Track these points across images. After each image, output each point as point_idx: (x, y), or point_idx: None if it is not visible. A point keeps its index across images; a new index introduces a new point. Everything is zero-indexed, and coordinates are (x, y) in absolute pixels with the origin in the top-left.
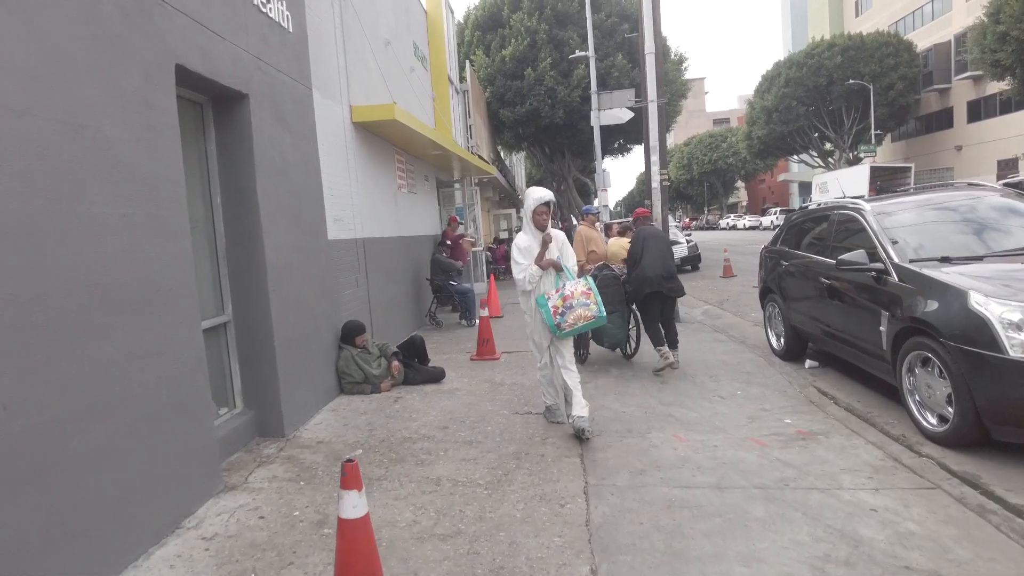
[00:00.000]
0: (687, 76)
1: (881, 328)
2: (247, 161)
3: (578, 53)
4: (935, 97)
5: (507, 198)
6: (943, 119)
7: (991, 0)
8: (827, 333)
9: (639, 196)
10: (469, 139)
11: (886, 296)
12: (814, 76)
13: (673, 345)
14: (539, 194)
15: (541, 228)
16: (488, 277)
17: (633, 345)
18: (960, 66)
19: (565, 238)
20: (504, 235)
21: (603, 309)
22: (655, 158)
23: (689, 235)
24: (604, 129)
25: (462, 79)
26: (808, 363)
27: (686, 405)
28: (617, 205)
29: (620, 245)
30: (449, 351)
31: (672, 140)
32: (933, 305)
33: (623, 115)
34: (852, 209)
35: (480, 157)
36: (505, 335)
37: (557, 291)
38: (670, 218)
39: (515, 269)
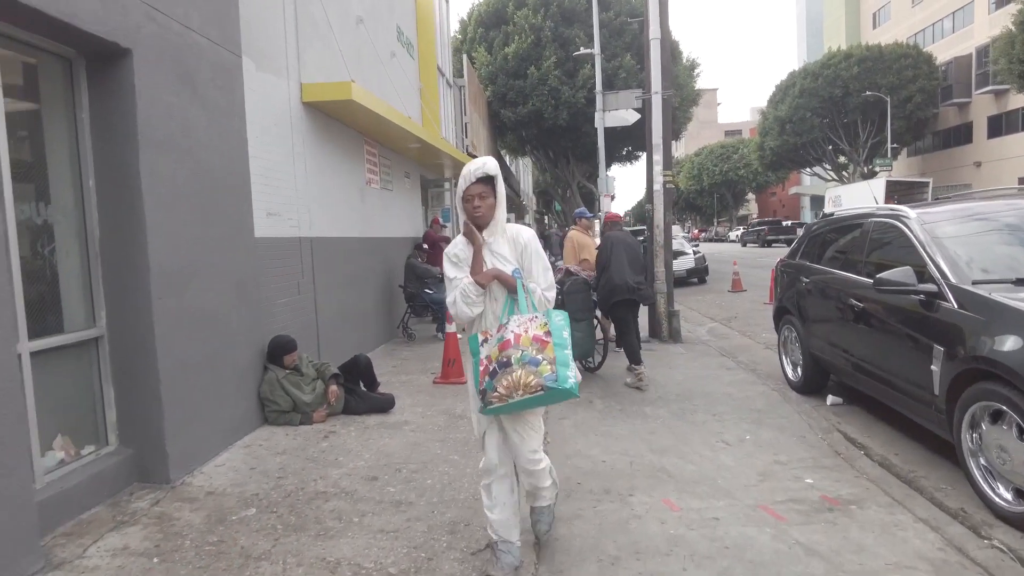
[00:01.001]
0: (699, 86)
1: (932, 367)
2: (128, 134)
3: (583, 50)
4: (954, 111)
5: (508, 203)
6: (962, 134)
7: (1020, 8)
8: (856, 366)
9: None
10: (464, 137)
11: (940, 327)
12: (830, 87)
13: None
14: (470, 168)
15: (476, 223)
16: None
17: (599, 358)
18: (981, 79)
19: (531, 239)
20: None
21: (567, 374)
22: (658, 157)
23: (696, 246)
24: (611, 135)
25: (458, 73)
26: (830, 399)
27: (683, 453)
28: (626, 215)
29: None
30: (412, 371)
31: (683, 150)
32: (1011, 342)
33: (629, 116)
34: (891, 217)
35: (473, 156)
36: None
37: (500, 329)
38: (678, 228)
39: (447, 288)
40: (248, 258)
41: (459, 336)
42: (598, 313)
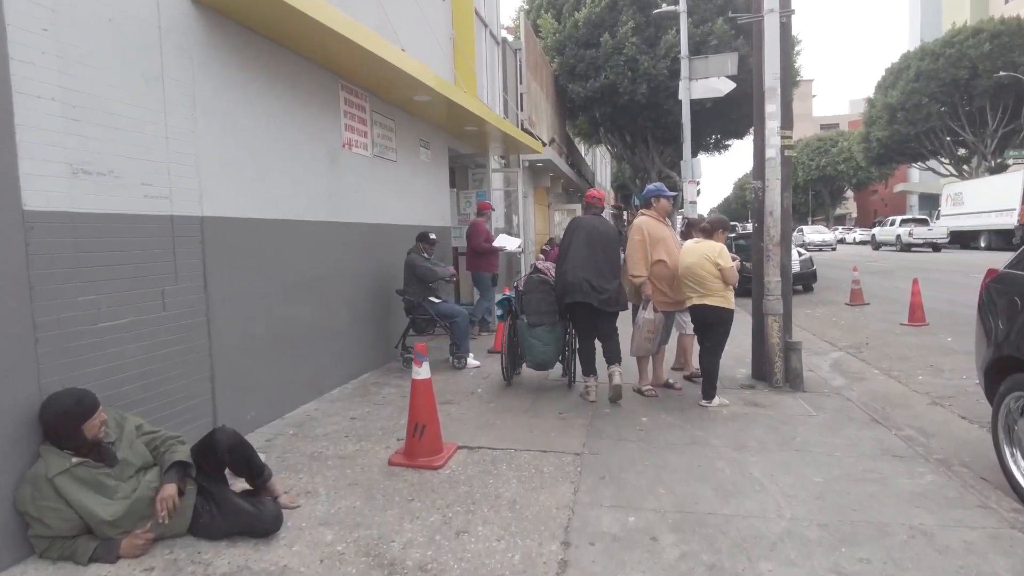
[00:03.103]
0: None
1: None
2: None
3: (665, 7)
4: None
5: (576, 193)
6: None
7: None
8: None
9: (736, 204)
10: (519, 110)
11: None
12: (953, 67)
13: (614, 360)
14: None
15: None
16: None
17: (572, 371)
18: None
19: None
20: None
21: None
22: (772, 107)
23: (802, 248)
24: (697, 118)
25: (515, 36)
26: None
27: None
28: (710, 213)
29: (701, 254)
30: (372, 432)
31: None
32: None
33: (721, 86)
34: None
35: (529, 133)
36: (490, 401)
37: None
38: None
39: None
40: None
41: (469, 367)
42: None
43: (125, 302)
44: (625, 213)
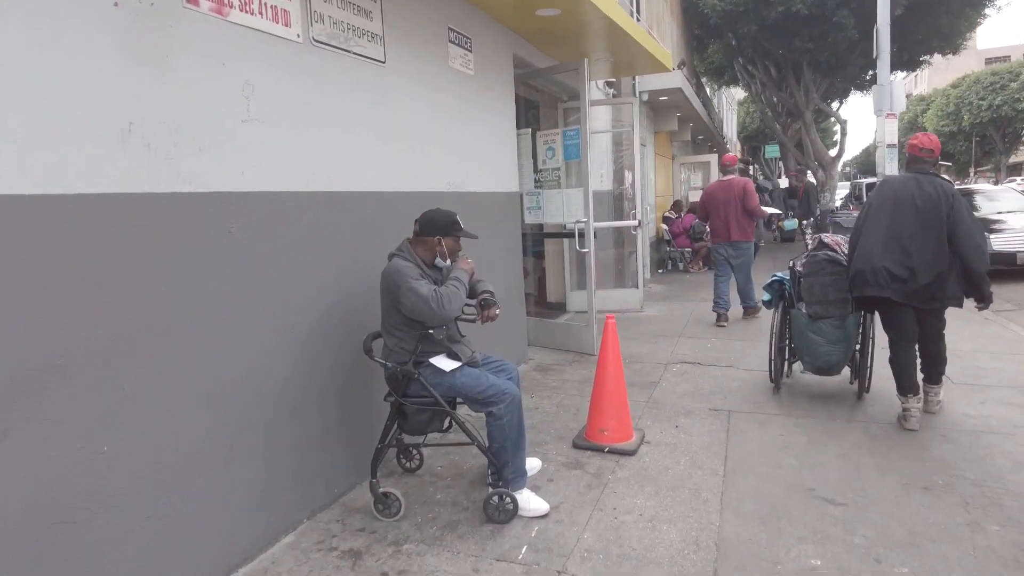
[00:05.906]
0: None
1: None
2: None
3: None
4: None
5: (706, 139)
6: None
7: None
8: None
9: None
10: (636, 16)
11: None
12: None
13: (933, 379)
14: None
15: None
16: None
17: (866, 376)
18: None
19: None
20: (697, 195)
21: None
22: None
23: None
24: (868, 39)
25: None
26: None
27: None
28: (846, 166)
29: None
30: None
31: (926, 84)
32: None
33: None
34: None
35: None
36: None
37: None
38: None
39: None
40: None
41: (525, 515)
42: None
43: None
44: (751, 168)
